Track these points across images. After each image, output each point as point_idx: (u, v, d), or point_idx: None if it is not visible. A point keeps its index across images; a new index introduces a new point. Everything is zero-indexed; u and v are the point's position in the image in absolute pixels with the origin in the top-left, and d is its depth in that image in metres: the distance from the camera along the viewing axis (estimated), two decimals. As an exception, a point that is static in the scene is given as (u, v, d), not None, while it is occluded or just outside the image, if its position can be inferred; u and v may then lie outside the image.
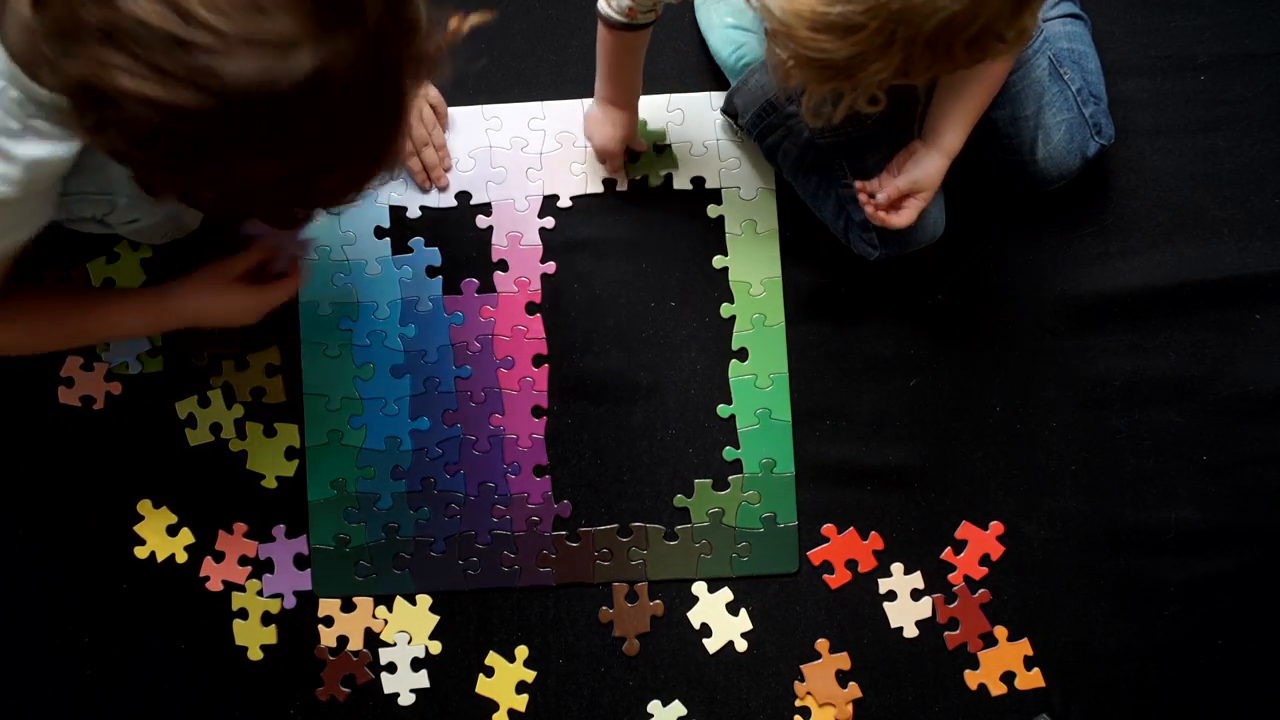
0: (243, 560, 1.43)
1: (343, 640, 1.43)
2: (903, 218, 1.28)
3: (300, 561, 1.43)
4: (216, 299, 1.27)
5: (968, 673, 1.43)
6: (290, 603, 1.43)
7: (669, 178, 1.47)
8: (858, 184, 1.30)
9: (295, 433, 1.44)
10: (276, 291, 1.30)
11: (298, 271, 1.31)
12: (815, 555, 1.44)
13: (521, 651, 1.43)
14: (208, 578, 1.43)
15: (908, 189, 1.27)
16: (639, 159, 1.47)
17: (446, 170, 1.46)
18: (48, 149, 0.97)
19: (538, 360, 1.45)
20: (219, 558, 1.43)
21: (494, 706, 1.42)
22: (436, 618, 1.43)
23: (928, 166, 1.27)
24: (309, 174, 0.92)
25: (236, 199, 0.96)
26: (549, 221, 1.47)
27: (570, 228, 1.47)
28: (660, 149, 1.47)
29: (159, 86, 0.82)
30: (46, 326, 1.24)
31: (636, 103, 1.40)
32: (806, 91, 1.08)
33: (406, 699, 1.42)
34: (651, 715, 1.43)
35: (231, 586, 1.43)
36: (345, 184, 0.97)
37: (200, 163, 0.88)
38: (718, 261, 1.46)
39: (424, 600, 1.43)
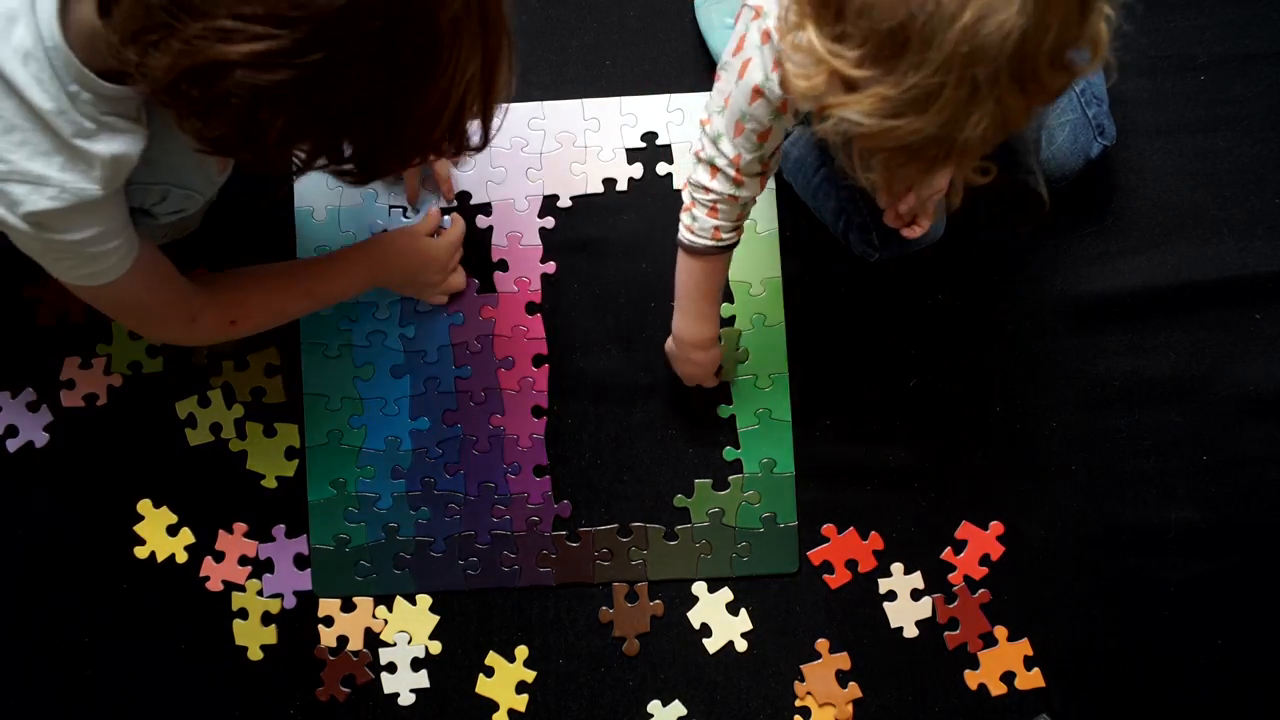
0: (243, 560, 1.43)
1: (343, 640, 1.43)
2: (921, 227, 1.24)
3: (300, 561, 1.43)
4: (415, 250, 1.40)
5: (968, 673, 1.43)
6: (290, 603, 1.43)
7: (671, 177, 1.47)
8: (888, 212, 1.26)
9: (295, 433, 1.44)
10: (454, 233, 1.43)
11: (458, 217, 1.45)
12: (815, 555, 1.44)
13: (521, 651, 1.43)
14: (208, 578, 1.43)
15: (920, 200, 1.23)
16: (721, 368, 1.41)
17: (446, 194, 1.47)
18: (123, 144, 0.99)
19: (538, 360, 1.45)
20: (219, 558, 1.43)
21: (494, 706, 1.42)
22: (436, 618, 1.43)
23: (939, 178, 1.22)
24: (427, 87, 0.89)
25: (363, 144, 0.93)
26: (549, 221, 1.47)
27: (570, 228, 1.47)
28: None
29: (250, 38, 0.82)
30: (275, 300, 1.32)
31: (717, 334, 1.35)
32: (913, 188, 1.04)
33: (406, 699, 1.42)
34: (651, 715, 1.43)
35: (231, 587, 1.43)
36: (470, 93, 0.94)
37: (313, 113, 0.87)
38: (718, 261, 1.46)
39: (424, 600, 1.43)
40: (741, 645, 1.43)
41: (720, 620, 1.43)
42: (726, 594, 1.44)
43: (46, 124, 0.94)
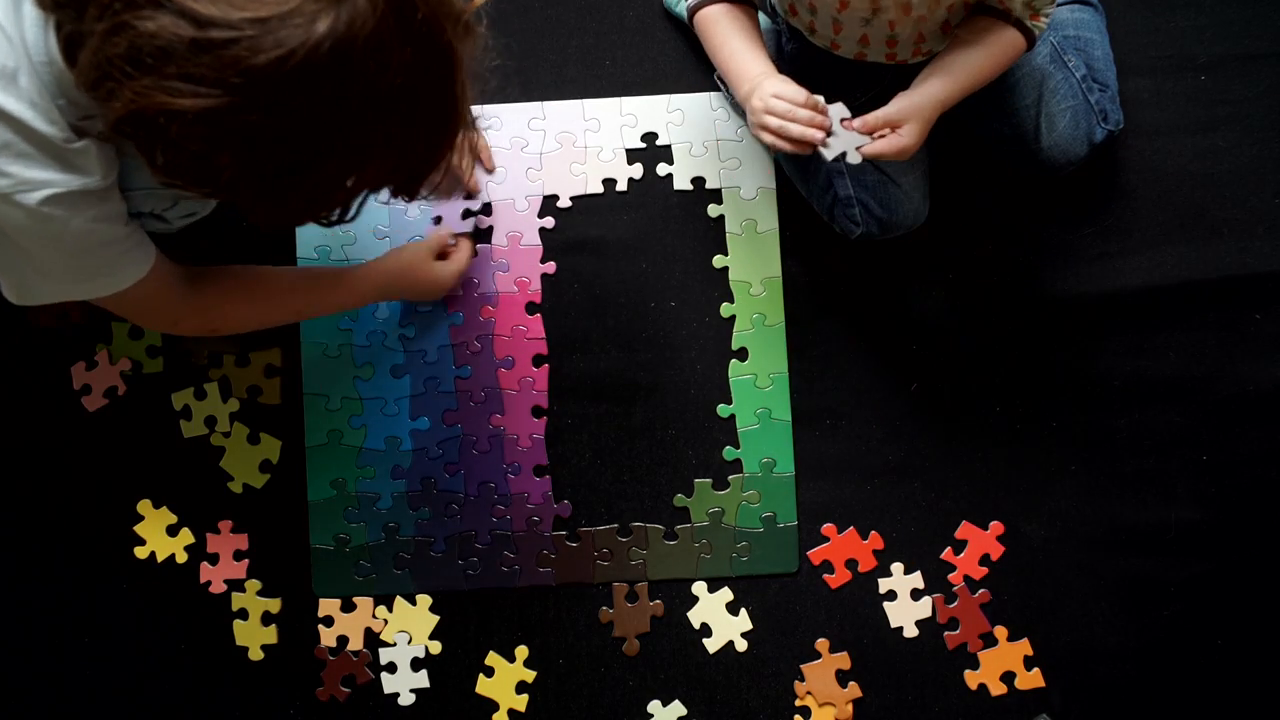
0: (237, 555, 1.43)
1: (343, 640, 1.43)
2: (878, 146, 1.21)
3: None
4: (423, 275, 1.39)
5: (968, 673, 1.43)
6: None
7: (671, 178, 1.47)
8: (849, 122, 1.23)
9: (278, 449, 1.44)
10: (462, 255, 1.42)
11: (468, 239, 1.44)
12: (815, 555, 1.44)
13: (521, 651, 1.43)
14: (210, 582, 1.43)
15: (889, 119, 1.22)
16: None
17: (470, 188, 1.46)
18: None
19: (538, 360, 1.45)
20: (214, 560, 1.43)
21: (494, 706, 1.42)
22: (436, 618, 1.43)
23: (901, 101, 1.22)
24: (371, 145, 0.93)
25: (312, 195, 0.96)
26: (549, 221, 1.47)
27: (570, 228, 1.47)
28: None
29: (192, 94, 0.85)
30: (272, 306, 1.32)
31: (767, 68, 1.27)
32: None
33: (406, 699, 1.42)
34: (651, 715, 1.43)
35: (233, 585, 1.43)
36: (419, 153, 0.98)
37: (257, 161, 0.90)
38: (718, 261, 1.46)
39: (424, 600, 1.43)
40: (741, 645, 1.43)
41: (720, 620, 1.43)
42: (726, 594, 1.44)
43: (41, 138, 0.97)
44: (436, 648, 1.43)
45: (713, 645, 1.43)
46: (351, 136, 0.91)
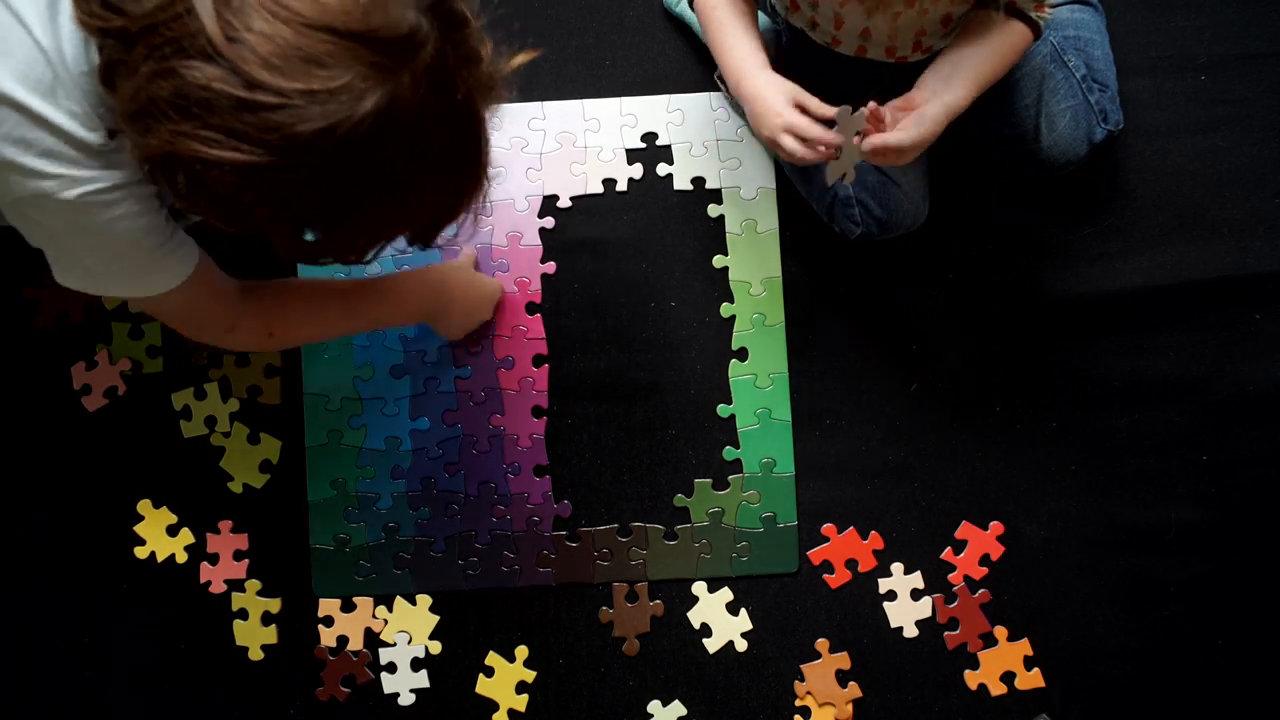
0: (237, 555, 1.43)
1: (343, 640, 1.43)
2: (895, 135, 1.19)
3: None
4: (474, 284, 1.41)
5: (968, 673, 1.43)
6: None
7: (669, 177, 1.47)
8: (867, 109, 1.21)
9: (278, 449, 1.44)
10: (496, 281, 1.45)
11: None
12: (815, 555, 1.44)
13: (521, 651, 1.43)
14: (210, 582, 1.43)
15: (902, 105, 1.21)
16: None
17: None
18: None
19: (538, 360, 1.45)
20: (214, 560, 1.43)
21: (494, 706, 1.42)
22: (436, 618, 1.43)
23: (913, 94, 1.21)
24: (401, 203, 0.96)
25: (334, 242, 0.99)
26: (549, 221, 1.47)
27: (570, 228, 1.47)
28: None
29: (232, 148, 0.86)
30: (318, 320, 1.31)
31: (763, 60, 1.25)
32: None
33: (406, 699, 1.42)
34: (651, 715, 1.43)
35: (233, 585, 1.43)
36: (444, 207, 1.01)
37: (288, 211, 0.92)
38: (718, 261, 1.46)
39: (424, 600, 1.43)
40: (741, 645, 1.43)
41: (720, 620, 1.43)
42: (726, 594, 1.44)
43: (84, 143, 0.98)
44: (436, 648, 1.43)
45: (713, 645, 1.43)
46: (383, 196, 0.93)
